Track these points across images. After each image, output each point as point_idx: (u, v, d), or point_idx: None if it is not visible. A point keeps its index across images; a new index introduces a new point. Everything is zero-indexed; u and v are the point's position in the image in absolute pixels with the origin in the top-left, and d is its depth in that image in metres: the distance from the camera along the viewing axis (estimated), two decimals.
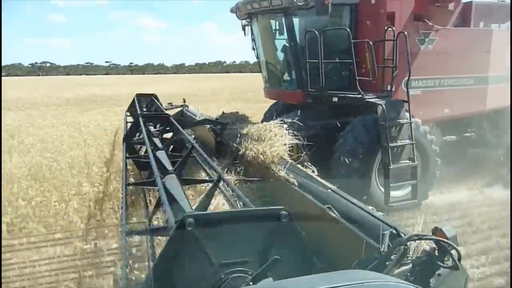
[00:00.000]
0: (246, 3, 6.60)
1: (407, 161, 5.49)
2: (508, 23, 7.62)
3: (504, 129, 7.45)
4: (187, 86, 37.46)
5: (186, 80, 53.98)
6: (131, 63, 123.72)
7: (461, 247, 2.64)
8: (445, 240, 2.10)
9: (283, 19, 6.42)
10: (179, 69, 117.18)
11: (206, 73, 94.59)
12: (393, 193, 5.47)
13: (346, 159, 5.42)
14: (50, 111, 18.90)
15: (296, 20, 6.49)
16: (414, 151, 5.50)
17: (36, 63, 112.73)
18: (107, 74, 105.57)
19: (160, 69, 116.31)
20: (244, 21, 7.31)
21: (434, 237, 2.13)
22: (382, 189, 5.50)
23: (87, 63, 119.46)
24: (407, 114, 5.48)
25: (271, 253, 1.97)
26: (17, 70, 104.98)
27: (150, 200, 4.81)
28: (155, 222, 3.87)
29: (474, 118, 7.23)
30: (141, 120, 5.84)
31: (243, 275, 2.06)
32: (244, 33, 7.52)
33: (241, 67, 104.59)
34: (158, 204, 3.81)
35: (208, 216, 2.11)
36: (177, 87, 35.28)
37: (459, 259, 2.06)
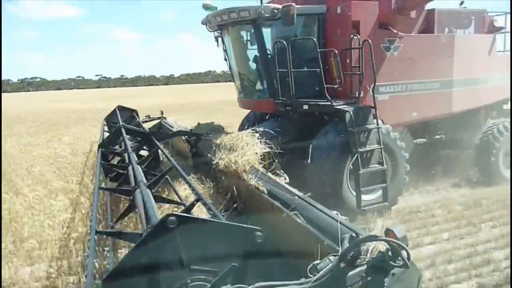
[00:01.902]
0: (216, 15, 6.70)
1: (377, 165, 5.64)
2: (472, 28, 7.93)
3: (471, 130, 7.72)
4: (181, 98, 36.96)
5: (177, 91, 53.35)
6: (122, 75, 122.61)
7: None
8: (395, 240, 2.19)
9: (252, 30, 6.54)
10: (170, 80, 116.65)
11: (197, 83, 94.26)
12: (364, 197, 5.60)
13: (318, 168, 5.54)
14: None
15: (265, 31, 6.63)
16: (383, 155, 5.65)
17: (25, 78, 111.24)
18: (98, 87, 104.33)
19: (151, 81, 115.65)
20: (215, 33, 7.41)
21: (384, 238, 2.21)
22: (354, 193, 5.63)
23: (78, 77, 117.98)
24: (374, 120, 5.64)
25: (239, 266, 2.05)
26: (7, 86, 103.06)
27: (112, 209, 4.88)
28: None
29: (442, 120, 7.46)
30: (123, 131, 5.89)
31: (205, 283, 2.12)
32: (217, 44, 7.62)
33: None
34: (125, 213, 3.85)
35: (190, 219, 2.17)
36: (169, 99, 34.84)
37: (408, 258, 2.16)
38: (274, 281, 2.01)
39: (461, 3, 7.93)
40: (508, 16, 7.94)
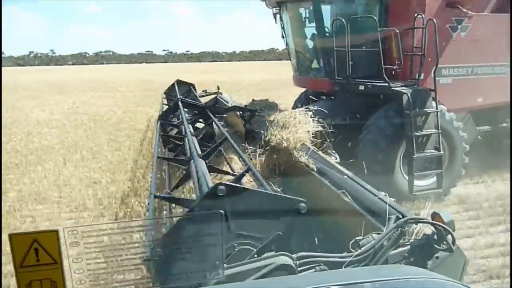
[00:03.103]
0: None
1: (432, 151, 5.47)
2: None
3: None
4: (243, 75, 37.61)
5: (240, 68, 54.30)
6: (187, 51, 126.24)
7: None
8: (441, 224, 2.19)
9: (312, 7, 6.46)
10: (234, 56, 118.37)
11: (260, 61, 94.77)
12: (417, 182, 5.48)
13: (370, 151, 5.48)
14: None
15: (325, 8, 6.52)
16: (440, 140, 5.45)
17: (100, 51, 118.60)
18: (165, 62, 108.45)
19: (215, 57, 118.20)
20: (274, 9, 7.40)
21: (429, 220, 2.22)
22: (407, 177, 5.52)
23: (147, 51, 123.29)
24: (433, 103, 5.43)
25: (283, 234, 2.17)
26: (83, 58, 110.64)
27: (173, 177, 5.16)
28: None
29: (509, 108, 6.98)
30: (180, 104, 6.14)
31: (251, 248, 2.27)
32: (275, 21, 7.62)
33: None
34: (181, 181, 4.09)
35: (238, 189, 2.33)
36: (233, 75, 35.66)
37: (453, 243, 2.15)
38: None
39: None
40: None
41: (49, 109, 16.89)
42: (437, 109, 5.41)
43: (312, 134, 5.30)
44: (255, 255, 2.18)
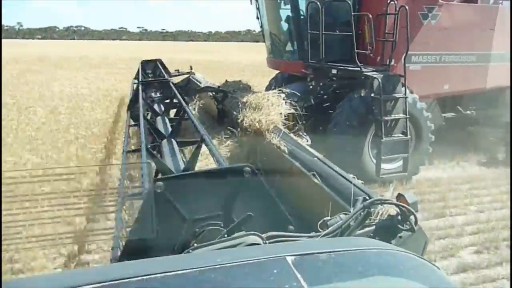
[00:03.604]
0: None
1: (400, 135, 5.63)
2: None
3: (504, 108, 7.48)
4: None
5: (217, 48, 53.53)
6: (163, 29, 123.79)
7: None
8: (405, 205, 2.28)
9: None
10: (211, 36, 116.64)
11: (238, 42, 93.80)
12: (384, 166, 5.64)
13: (340, 133, 5.58)
14: None
15: None
16: (408, 125, 5.62)
17: (71, 26, 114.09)
18: (140, 40, 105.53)
19: (191, 36, 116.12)
20: None
21: (394, 201, 2.30)
22: (374, 160, 5.67)
23: (121, 28, 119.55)
24: (403, 88, 5.57)
25: (241, 207, 2.16)
26: (53, 33, 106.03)
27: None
28: None
29: (475, 96, 7.26)
30: (140, 87, 5.95)
31: (218, 227, 2.28)
32: (250, 1, 7.53)
33: None
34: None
35: (176, 177, 2.27)
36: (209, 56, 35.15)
37: (416, 223, 2.25)
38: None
39: None
40: None
41: (67, 84, 16.61)
42: (405, 94, 5.55)
43: (285, 116, 5.35)
44: (225, 235, 2.20)
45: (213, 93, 7.13)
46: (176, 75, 9.96)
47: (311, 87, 6.62)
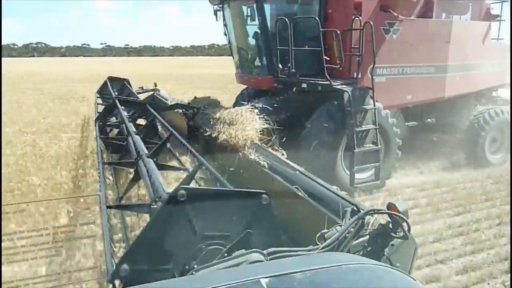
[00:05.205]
0: None
1: (371, 145, 5.82)
2: (468, 14, 8.05)
3: (461, 115, 7.94)
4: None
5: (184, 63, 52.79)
6: (126, 45, 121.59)
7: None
8: (397, 213, 2.35)
9: (255, 5, 6.52)
10: (176, 51, 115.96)
11: (203, 56, 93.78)
12: (357, 175, 5.80)
13: (312, 146, 5.68)
14: None
15: (267, 7, 6.62)
16: (378, 135, 5.82)
17: (30, 43, 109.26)
18: (104, 56, 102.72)
19: (157, 52, 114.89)
20: (216, 7, 7.36)
21: (387, 211, 2.37)
22: (348, 171, 5.81)
23: (84, 44, 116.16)
24: (371, 100, 5.77)
25: (248, 229, 2.18)
26: (11, 50, 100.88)
27: (119, 181, 4.93)
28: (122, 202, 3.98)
29: (434, 105, 7.65)
30: (118, 103, 5.85)
31: (220, 247, 2.26)
32: (216, 18, 7.56)
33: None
34: (131, 185, 3.93)
35: (198, 190, 2.28)
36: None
37: (409, 230, 2.33)
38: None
39: None
40: (506, 4, 8.06)
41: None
42: (374, 106, 5.76)
43: (260, 131, 5.39)
44: (225, 254, 2.18)
45: (183, 110, 7.06)
46: (140, 92, 9.81)
47: (281, 101, 6.71)
